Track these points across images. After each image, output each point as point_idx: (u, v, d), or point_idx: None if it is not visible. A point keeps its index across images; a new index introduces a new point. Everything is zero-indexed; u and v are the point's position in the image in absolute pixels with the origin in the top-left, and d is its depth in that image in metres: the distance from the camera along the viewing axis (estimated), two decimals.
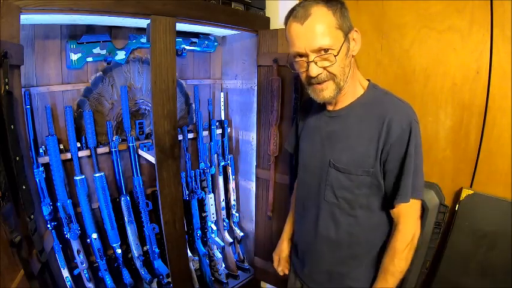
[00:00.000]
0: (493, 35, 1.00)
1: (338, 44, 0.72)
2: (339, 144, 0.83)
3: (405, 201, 0.76)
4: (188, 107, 1.66)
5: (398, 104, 0.78)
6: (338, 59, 0.72)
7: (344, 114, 0.83)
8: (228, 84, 1.78)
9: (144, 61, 1.45)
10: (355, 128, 0.80)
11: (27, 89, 1.12)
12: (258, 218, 1.67)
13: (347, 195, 0.82)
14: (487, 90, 1.03)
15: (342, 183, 0.82)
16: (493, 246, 1.02)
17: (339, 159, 0.81)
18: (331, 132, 0.85)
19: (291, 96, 1.40)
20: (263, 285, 1.83)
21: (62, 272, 1.19)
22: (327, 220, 0.86)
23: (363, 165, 0.79)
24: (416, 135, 0.75)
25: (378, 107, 0.78)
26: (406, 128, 0.74)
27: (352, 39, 0.76)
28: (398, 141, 0.75)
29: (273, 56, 1.42)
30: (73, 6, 0.92)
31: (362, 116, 0.80)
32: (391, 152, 0.76)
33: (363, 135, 0.79)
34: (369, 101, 0.81)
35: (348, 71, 0.77)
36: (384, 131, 0.75)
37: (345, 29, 0.73)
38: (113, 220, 1.32)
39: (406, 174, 0.75)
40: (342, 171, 0.81)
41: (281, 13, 1.56)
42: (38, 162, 1.15)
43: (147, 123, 1.51)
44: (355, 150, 0.80)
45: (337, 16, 0.71)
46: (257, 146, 1.59)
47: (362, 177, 0.79)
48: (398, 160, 0.76)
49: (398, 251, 0.78)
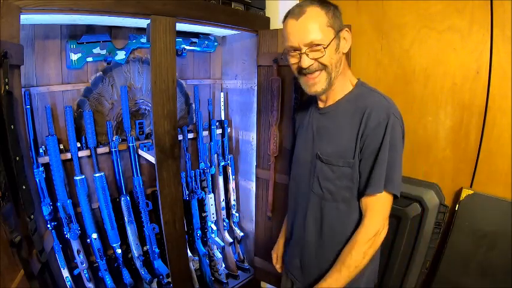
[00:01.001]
0: (493, 35, 1.00)
1: (328, 39, 0.78)
2: (326, 138, 0.88)
3: (376, 192, 0.78)
4: (188, 107, 1.66)
5: (379, 99, 0.81)
6: (327, 51, 0.78)
7: (332, 110, 0.87)
8: (228, 84, 1.78)
9: (144, 61, 1.45)
10: (341, 122, 0.84)
11: (27, 89, 1.12)
12: (258, 218, 1.67)
13: (330, 187, 0.85)
14: (487, 90, 1.03)
15: (325, 174, 0.86)
16: (493, 246, 1.02)
17: (324, 152, 0.86)
18: (321, 128, 0.90)
19: (291, 96, 1.40)
20: (263, 285, 1.83)
21: (62, 272, 1.19)
22: (314, 211, 0.89)
23: (344, 156, 0.82)
24: (393, 128, 0.77)
25: (361, 102, 0.82)
26: (383, 120, 0.77)
27: (343, 37, 0.81)
28: (375, 132, 0.77)
29: (273, 56, 1.42)
30: (73, 6, 0.92)
31: (347, 110, 0.84)
32: (367, 142, 0.79)
33: (346, 128, 0.83)
34: (355, 97, 0.85)
35: (338, 66, 0.82)
36: (362, 123, 0.79)
37: (335, 27, 0.79)
38: (113, 220, 1.32)
39: (380, 165, 0.77)
40: (325, 163, 0.85)
41: (281, 13, 1.55)
42: (38, 162, 1.15)
43: (147, 123, 1.51)
44: (339, 142, 0.84)
45: (329, 16, 0.78)
46: (257, 146, 1.59)
47: (343, 168, 0.82)
48: (373, 151, 0.78)
49: (358, 244, 0.79)
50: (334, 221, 0.86)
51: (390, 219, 0.84)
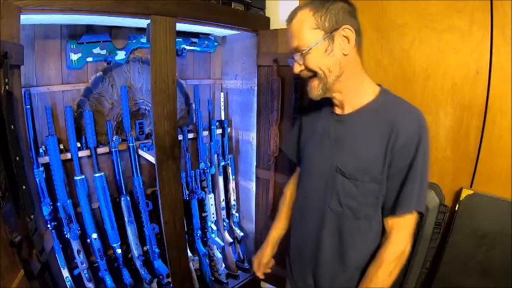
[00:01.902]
0: (493, 35, 1.00)
1: (311, 43, 0.73)
2: (346, 149, 0.80)
3: (406, 213, 0.73)
4: (188, 107, 1.66)
5: (408, 110, 0.76)
6: (311, 55, 0.74)
7: (352, 119, 0.80)
8: (228, 84, 1.78)
9: (144, 61, 1.45)
10: (363, 133, 0.78)
11: (27, 89, 1.12)
12: (258, 218, 1.67)
13: (352, 204, 0.79)
14: (487, 90, 1.03)
15: (348, 190, 0.79)
16: (493, 246, 1.02)
17: (346, 165, 0.79)
18: (340, 137, 0.82)
19: (291, 96, 1.40)
20: (263, 285, 1.83)
21: (62, 272, 1.19)
22: (331, 230, 0.83)
23: (369, 171, 0.76)
24: (425, 141, 0.73)
25: (387, 113, 0.76)
26: (415, 133, 0.72)
27: (341, 37, 0.73)
28: (406, 147, 0.72)
29: (273, 56, 1.42)
30: (73, 6, 0.92)
31: (371, 121, 0.77)
32: (397, 158, 0.73)
33: (370, 140, 0.76)
34: (379, 106, 0.78)
35: (336, 70, 0.75)
36: (392, 137, 0.73)
37: (326, 27, 0.73)
38: (113, 220, 1.32)
39: (411, 183, 0.72)
40: (348, 177, 0.78)
41: (281, 13, 1.56)
42: (38, 162, 1.15)
43: (147, 123, 1.51)
44: (362, 156, 0.77)
45: (317, 16, 0.73)
46: (257, 146, 1.59)
47: (369, 184, 0.76)
48: (403, 168, 0.73)
49: (385, 263, 0.75)
50: (356, 240, 0.81)
51: None
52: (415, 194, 0.73)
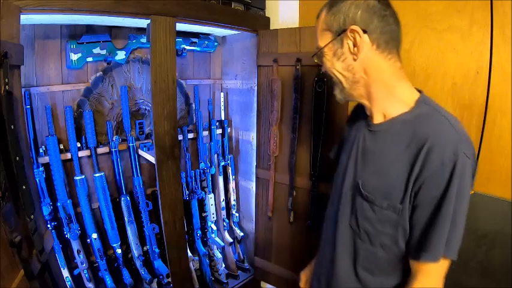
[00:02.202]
0: (493, 35, 1.00)
1: (322, 45, 0.69)
2: (371, 166, 0.70)
3: (432, 260, 0.61)
4: (188, 107, 1.66)
5: (447, 127, 0.60)
6: (324, 60, 0.70)
7: (382, 131, 0.69)
8: (228, 84, 1.78)
9: (144, 61, 1.45)
10: (391, 150, 0.66)
11: (27, 89, 1.12)
12: (258, 218, 1.67)
13: (368, 228, 0.69)
14: (487, 90, 1.03)
15: (365, 212, 0.69)
16: (493, 246, 1.02)
17: (366, 184, 0.69)
18: (367, 150, 0.72)
19: (291, 96, 1.40)
20: (263, 285, 1.83)
21: (62, 272, 1.19)
22: (347, 247, 0.75)
23: (389, 197, 0.65)
24: (463, 173, 0.58)
25: (421, 127, 0.62)
26: (449, 160, 0.57)
27: (348, 38, 0.65)
28: (436, 176, 0.59)
29: (273, 56, 1.42)
30: (73, 6, 0.92)
31: (402, 135, 0.64)
32: (424, 188, 0.60)
33: (398, 160, 0.64)
34: (414, 118, 0.64)
35: (349, 75, 0.68)
36: (419, 160, 0.60)
37: (334, 28, 0.66)
38: (113, 220, 1.32)
39: (440, 224, 0.59)
40: (365, 199, 0.69)
41: (281, 13, 1.56)
42: (38, 162, 1.15)
43: (147, 123, 1.51)
44: (384, 177, 0.66)
45: (328, 16, 0.66)
46: (257, 146, 1.59)
47: (387, 212, 0.65)
48: (431, 202, 0.60)
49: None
50: (372, 267, 0.72)
51: None
52: (443, 239, 0.60)
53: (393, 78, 0.68)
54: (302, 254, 1.51)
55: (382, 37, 0.65)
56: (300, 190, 1.45)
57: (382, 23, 0.64)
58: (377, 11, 0.64)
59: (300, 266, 1.17)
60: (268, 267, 1.63)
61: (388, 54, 0.66)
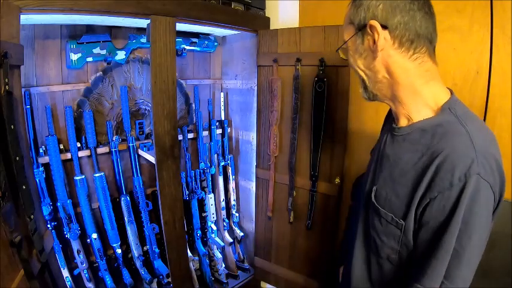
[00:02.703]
0: (493, 35, 1.00)
1: (346, 38, 0.65)
2: (385, 172, 0.65)
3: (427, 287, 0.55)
4: (188, 107, 1.66)
5: (464, 142, 0.52)
6: (349, 55, 0.66)
7: (402, 137, 0.63)
8: (228, 84, 1.78)
9: (144, 61, 1.45)
10: (404, 158, 0.60)
11: (27, 89, 1.12)
12: (258, 218, 1.67)
13: (376, 239, 0.65)
14: (487, 90, 1.03)
15: (374, 222, 0.65)
16: (493, 246, 1.02)
17: (379, 192, 0.65)
18: (385, 156, 0.67)
19: (291, 96, 1.40)
20: (263, 285, 1.83)
21: (62, 272, 1.19)
22: (360, 254, 0.72)
23: (394, 210, 0.60)
24: (475, 198, 0.49)
25: (437, 139, 0.55)
26: (459, 181, 0.50)
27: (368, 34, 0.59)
28: (442, 200, 0.52)
29: (273, 56, 1.42)
30: (73, 6, 0.92)
31: (417, 145, 0.59)
32: (429, 210, 0.54)
33: (406, 171, 0.59)
34: (432, 127, 0.57)
35: (371, 74, 0.63)
36: (427, 176, 0.53)
37: (356, 22, 0.60)
38: (113, 220, 1.32)
39: (439, 256, 0.52)
40: (374, 208, 0.65)
41: (281, 13, 1.56)
42: (38, 162, 1.15)
43: (147, 123, 1.51)
44: (394, 187, 0.61)
45: (353, 8, 0.61)
46: (257, 146, 1.59)
47: (391, 226, 0.61)
48: (435, 227, 0.53)
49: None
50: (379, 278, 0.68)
51: None
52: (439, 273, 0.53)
53: (420, 81, 0.60)
54: (302, 254, 1.51)
55: (406, 34, 0.57)
56: (300, 190, 1.45)
57: (406, 19, 0.56)
58: (401, 5, 0.56)
59: (300, 266, 1.17)
60: (268, 267, 1.63)
61: (414, 54, 0.58)
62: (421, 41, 0.58)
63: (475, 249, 0.53)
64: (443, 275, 0.53)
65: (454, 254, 0.52)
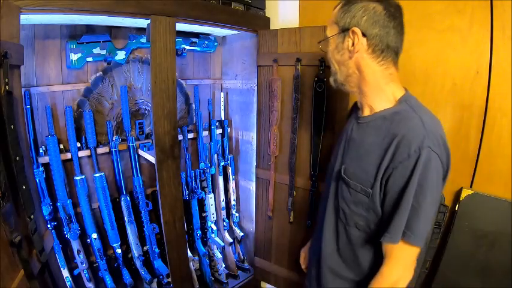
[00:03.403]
0: (493, 35, 1.00)
1: (328, 35, 0.77)
2: (352, 153, 0.80)
3: (391, 242, 0.68)
4: (188, 107, 1.66)
5: (417, 124, 0.67)
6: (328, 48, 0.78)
7: (366, 123, 0.78)
8: (228, 84, 1.78)
9: (144, 61, 1.45)
10: (369, 140, 0.75)
11: (27, 89, 1.12)
12: (258, 218, 1.67)
13: (345, 208, 0.79)
14: (487, 90, 1.03)
15: (343, 194, 0.79)
16: (493, 246, 1.02)
17: (347, 169, 0.79)
18: (352, 140, 0.81)
19: (291, 96, 1.40)
20: (263, 285, 1.83)
21: (62, 272, 1.19)
22: (331, 227, 0.85)
23: (362, 182, 0.74)
24: (426, 166, 0.63)
25: (396, 123, 0.70)
26: (414, 153, 0.64)
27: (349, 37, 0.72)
28: (402, 167, 0.65)
29: (273, 56, 1.42)
30: (73, 6, 0.92)
31: (379, 129, 0.73)
32: (392, 178, 0.68)
33: (371, 150, 0.73)
34: (392, 115, 0.72)
35: (344, 69, 0.77)
36: (389, 152, 0.67)
37: (341, 24, 0.74)
38: (113, 220, 1.32)
39: (400, 211, 0.66)
40: (345, 182, 0.78)
41: (281, 13, 1.56)
42: (38, 162, 1.15)
43: (147, 123, 1.51)
44: (361, 164, 0.75)
45: (340, 11, 0.74)
46: (257, 146, 1.59)
47: (359, 194, 0.74)
48: (397, 190, 0.67)
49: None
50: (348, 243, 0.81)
51: None
52: (401, 223, 0.66)
53: (383, 81, 0.75)
54: None
55: (379, 45, 0.71)
56: (300, 190, 1.45)
57: (382, 33, 0.70)
58: (381, 21, 0.70)
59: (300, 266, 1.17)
60: (268, 267, 1.63)
61: (381, 61, 0.73)
62: (389, 52, 0.73)
63: (429, 206, 0.66)
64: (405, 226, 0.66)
65: (413, 210, 0.65)
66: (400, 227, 0.66)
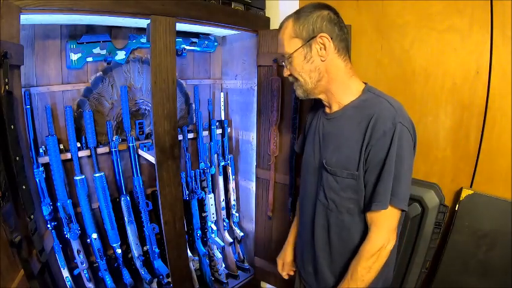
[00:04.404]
0: (493, 35, 1.00)
1: (291, 50, 0.81)
2: (331, 145, 0.85)
3: (381, 208, 0.75)
4: (188, 107, 1.66)
5: (385, 106, 0.77)
6: (293, 62, 0.82)
7: (337, 117, 0.85)
8: (228, 84, 1.78)
9: (144, 61, 1.45)
10: (346, 130, 0.82)
11: (27, 89, 1.12)
12: (258, 218, 1.67)
13: (335, 197, 0.84)
14: (487, 90, 1.03)
15: (330, 184, 0.84)
16: (493, 246, 1.02)
17: (329, 161, 0.84)
18: (327, 135, 0.88)
19: (291, 96, 1.40)
20: (263, 285, 1.83)
21: (62, 272, 1.19)
22: (321, 220, 0.88)
23: (347, 167, 0.80)
24: (401, 138, 0.73)
25: (367, 109, 0.79)
26: (389, 129, 0.73)
27: (318, 44, 0.79)
28: (380, 142, 0.74)
29: (273, 56, 1.42)
30: (73, 6, 0.92)
31: (352, 118, 0.81)
32: (372, 154, 0.76)
33: (350, 137, 0.80)
34: (361, 103, 0.81)
35: (315, 75, 0.82)
36: (367, 133, 0.76)
37: (304, 36, 0.79)
38: (113, 220, 1.32)
39: (385, 179, 0.74)
40: (330, 173, 0.83)
41: (281, 13, 1.56)
42: (38, 162, 1.15)
43: (147, 123, 1.51)
44: (343, 151, 0.81)
45: (297, 26, 0.80)
46: (257, 146, 1.59)
47: (347, 180, 0.80)
48: (378, 163, 0.75)
49: (363, 259, 0.78)
50: (340, 232, 0.85)
51: None
52: (388, 190, 0.74)
53: (347, 76, 0.84)
54: None
55: (341, 43, 0.81)
56: None
57: (340, 32, 0.80)
58: (337, 23, 0.80)
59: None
60: (268, 267, 1.63)
61: (344, 57, 0.82)
62: (346, 48, 0.83)
63: (407, 172, 0.76)
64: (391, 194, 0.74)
65: (396, 177, 0.74)
66: (387, 193, 0.74)
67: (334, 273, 0.88)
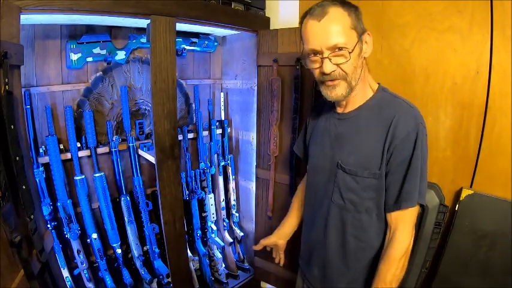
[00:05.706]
0: (493, 35, 1.00)
1: (352, 43, 0.74)
2: (347, 146, 0.83)
3: (410, 206, 0.76)
4: (188, 107, 1.66)
5: (406, 107, 0.78)
6: (352, 56, 0.74)
7: (353, 117, 0.83)
8: (228, 84, 1.78)
9: (144, 61, 1.46)
10: (363, 129, 0.81)
11: (27, 89, 1.12)
12: (258, 218, 1.67)
13: (353, 198, 0.82)
14: (487, 90, 1.03)
15: (348, 185, 0.82)
16: (493, 246, 1.02)
17: (346, 161, 0.82)
18: (340, 134, 0.86)
19: (291, 96, 1.40)
20: (263, 285, 1.83)
21: (62, 272, 1.19)
22: (335, 222, 0.86)
23: (368, 167, 0.79)
24: (423, 138, 0.75)
25: (386, 109, 0.79)
26: (413, 130, 0.74)
27: (365, 41, 0.78)
28: (404, 143, 0.75)
29: (273, 56, 1.42)
30: (73, 6, 0.92)
31: (370, 118, 0.80)
32: (395, 154, 0.76)
33: (370, 137, 0.79)
34: (378, 103, 0.81)
35: (359, 71, 0.78)
36: (390, 133, 0.76)
37: (358, 30, 0.75)
38: (113, 220, 1.32)
39: (413, 178, 0.75)
40: (348, 173, 0.82)
41: (281, 13, 1.56)
42: (38, 162, 1.15)
43: (147, 123, 1.51)
44: (362, 152, 0.80)
45: (352, 17, 0.74)
46: (257, 146, 1.59)
47: (368, 179, 0.79)
48: (402, 163, 0.75)
49: (395, 260, 0.77)
50: (358, 232, 0.84)
51: None
52: (416, 188, 0.75)
53: (367, 73, 0.83)
54: None
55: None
56: None
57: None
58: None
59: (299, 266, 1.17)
60: (268, 267, 1.63)
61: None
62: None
63: (426, 169, 0.78)
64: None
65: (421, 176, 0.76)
66: (415, 191, 0.75)
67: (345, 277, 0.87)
